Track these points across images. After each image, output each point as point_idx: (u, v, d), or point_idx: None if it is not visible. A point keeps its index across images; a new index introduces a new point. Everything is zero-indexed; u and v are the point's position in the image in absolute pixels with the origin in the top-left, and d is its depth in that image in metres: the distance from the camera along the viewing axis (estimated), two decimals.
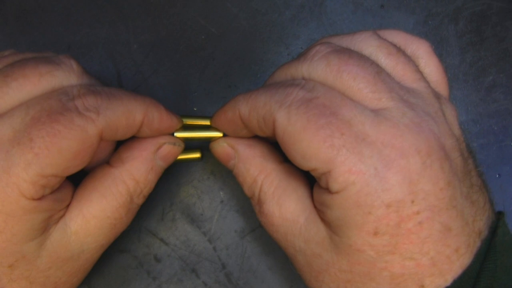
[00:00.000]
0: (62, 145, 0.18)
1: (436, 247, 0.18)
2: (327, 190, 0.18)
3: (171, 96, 0.29)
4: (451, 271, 0.18)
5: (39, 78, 0.20)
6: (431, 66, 0.21)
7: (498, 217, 0.19)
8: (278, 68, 0.22)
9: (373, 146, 0.17)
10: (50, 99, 0.19)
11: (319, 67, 0.19)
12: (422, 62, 0.21)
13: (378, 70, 0.19)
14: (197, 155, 0.28)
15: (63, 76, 0.20)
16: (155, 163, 0.23)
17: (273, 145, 0.23)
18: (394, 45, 0.20)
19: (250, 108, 0.20)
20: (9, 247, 0.19)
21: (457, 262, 0.18)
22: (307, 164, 0.18)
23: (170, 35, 0.29)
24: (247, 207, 0.28)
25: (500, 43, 0.30)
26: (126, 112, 0.20)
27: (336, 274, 0.19)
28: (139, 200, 0.23)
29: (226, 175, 0.28)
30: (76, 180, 0.22)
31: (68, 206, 0.21)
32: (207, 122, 0.24)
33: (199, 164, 0.28)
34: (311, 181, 0.22)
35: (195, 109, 0.29)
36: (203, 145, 0.28)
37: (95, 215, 0.21)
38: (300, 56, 0.21)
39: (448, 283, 0.18)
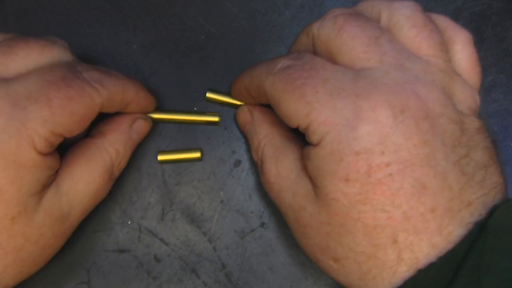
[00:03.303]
0: (74, 108, 0.21)
1: (408, 201, 0.18)
2: (311, 144, 0.20)
3: (171, 96, 0.29)
4: (426, 231, 0.18)
5: (42, 49, 0.22)
6: (464, 54, 0.22)
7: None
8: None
9: (347, 99, 0.19)
10: (61, 68, 0.21)
11: (326, 26, 0.21)
12: (456, 48, 0.22)
13: (378, 35, 0.20)
14: (197, 155, 0.28)
15: (61, 51, 0.23)
16: (130, 135, 0.26)
17: None
18: (425, 19, 0.21)
19: (249, 79, 0.24)
20: (17, 197, 0.20)
21: (432, 223, 0.18)
22: (291, 122, 0.20)
23: (170, 35, 0.29)
24: (247, 207, 0.28)
25: (500, 43, 0.30)
26: (123, 88, 0.23)
27: (317, 227, 0.20)
28: (116, 171, 0.25)
29: (226, 175, 0.28)
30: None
31: (57, 171, 0.22)
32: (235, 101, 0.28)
33: (199, 164, 0.28)
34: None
35: (195, 109, 0.29)
36: (203, 145, 0.28)
37: (82, 178, 0.23)
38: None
39: (423, 243, 0.18)
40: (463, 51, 0.22)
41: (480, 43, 0.30)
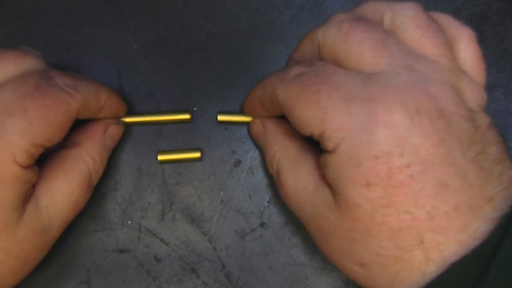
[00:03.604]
0: (51, 117, 0.21)
1: (431, 201, 0.18)
2: (326, 151, 0.20)
3: (171, 96, 0.29)
4: (452, 229, 0.18)
5: (16, 60, 0.22)
6: (468, 52, 0.22)
7: None
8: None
9: (361, 104, 0.19)
10: (34, 77, 0.21)
11: (331, 31, 0.21)
12: (460, 47, 0.22)
13: (384, 38, 0.20)
14: (197, 155, 0.28)
15: (34, 60, 0.22)
16: (105, 142, 0.26)
17: None
18: (428, 20, 0.21)
19: (262, 90, 0.24)
20: None
21: (457, 221, 0.18)
22: (305, 129, 0.20)
23: (170, 35, 0.29)
24: (247, 207, 0.28)
25: (500, 43, 0.30)
26: (96, 92, 0.23)
27: (341, 234, 0.20)
28: (95, 179, 0.25)
29: (226, 175, 0.28)
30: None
31: (35, 184, 0.22)
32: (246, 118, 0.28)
33: (199, 164, 0.28)
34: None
35: (195, 109, 0.29)
36: (203, 145, 0.28)
37: (61, 191, 0.23)
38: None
39: (450, 241, 0.18)
40: (467, 49, 0.22)
41: (480, 43, 0.29)
